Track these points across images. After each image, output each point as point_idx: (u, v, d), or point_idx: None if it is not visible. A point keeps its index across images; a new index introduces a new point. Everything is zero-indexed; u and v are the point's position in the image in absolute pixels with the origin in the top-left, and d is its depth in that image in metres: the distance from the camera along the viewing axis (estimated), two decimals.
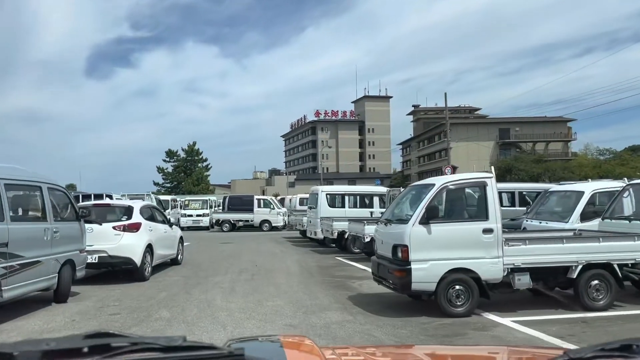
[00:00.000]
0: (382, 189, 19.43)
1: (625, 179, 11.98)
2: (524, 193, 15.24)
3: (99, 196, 17.93)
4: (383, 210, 17.96)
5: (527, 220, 10.68)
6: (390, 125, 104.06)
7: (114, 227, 10.38)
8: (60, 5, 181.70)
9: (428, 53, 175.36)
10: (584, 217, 9.47)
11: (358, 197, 18.58)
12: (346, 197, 18.23)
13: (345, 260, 14.31)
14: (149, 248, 10.92)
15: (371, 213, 17.97)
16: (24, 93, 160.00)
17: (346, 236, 15.74)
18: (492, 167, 7.39)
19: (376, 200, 18.25)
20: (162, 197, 33.25)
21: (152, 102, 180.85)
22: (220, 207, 32.25)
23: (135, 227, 10.57)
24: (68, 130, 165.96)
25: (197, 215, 31.63)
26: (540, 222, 10.21)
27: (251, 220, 29.64)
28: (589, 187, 10.27)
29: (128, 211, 10.87)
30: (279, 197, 37.48)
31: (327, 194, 18.00)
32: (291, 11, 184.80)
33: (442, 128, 78.43)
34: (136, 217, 10.76)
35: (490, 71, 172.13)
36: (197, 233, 28.19)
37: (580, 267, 7.24)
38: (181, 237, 13.77)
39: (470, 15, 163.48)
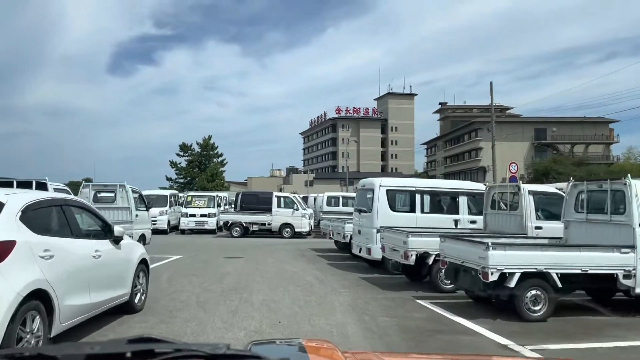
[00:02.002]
0: (478, 186, 12.81)
1: None
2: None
3: (24, 183, 11.28)
4: (473, 217, 11.65)
5: None
6: (414, 124, 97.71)
7: None
8: (85, 2, 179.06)
9: (449, 55, 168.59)
10: None
11: (434, 196, 12.04)
12: (417, 196, 11.67)
13: (439, 309, 7.85)
14: (39, 298, 4.69)
15: (456, 222, 11.60)
16: (50, 88, 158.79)
17: (430, 261, 9.33)
18: None
19: (462, 201, 11.76)
20: (158, 193, 27.12)
21: (172, 100, 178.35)
22: (231, 206, 26.10)
23: None
24: (89, 125, 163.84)
25: (202, 216, 25.26)
26: None
27: (269, 224, 23.41)
28: None
29: None
30: (301, 196, 31.22)
31: (387, 190, 11.56)
32: (312, 11, 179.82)
33: (472, 127, 72.39)
34: (3, 230, 4.54)
35: (512, 74, 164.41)
36: (200, 238, 22.14)
37: None
38: (143, 261, 7.48)
39: (491, 19, 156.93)
